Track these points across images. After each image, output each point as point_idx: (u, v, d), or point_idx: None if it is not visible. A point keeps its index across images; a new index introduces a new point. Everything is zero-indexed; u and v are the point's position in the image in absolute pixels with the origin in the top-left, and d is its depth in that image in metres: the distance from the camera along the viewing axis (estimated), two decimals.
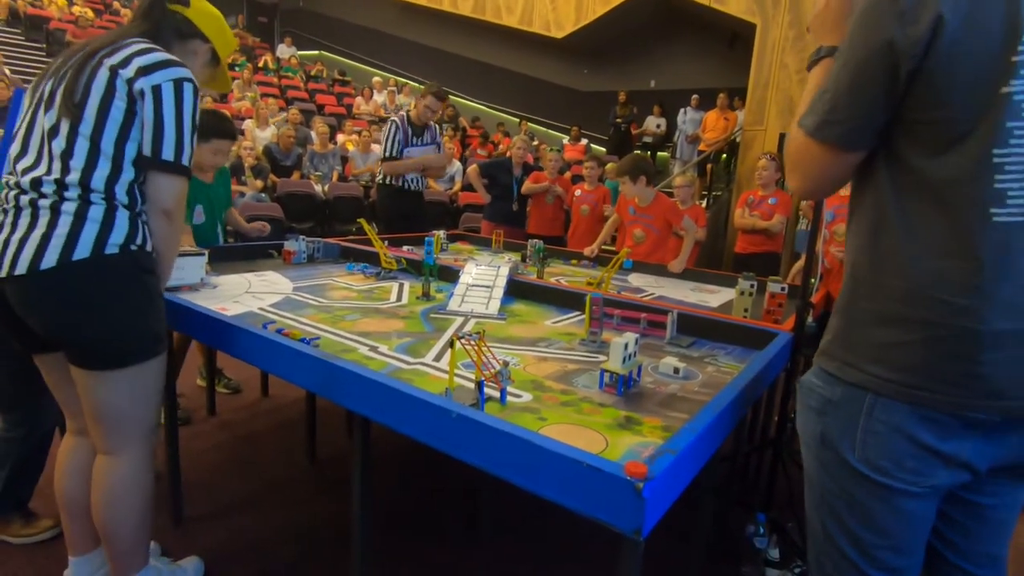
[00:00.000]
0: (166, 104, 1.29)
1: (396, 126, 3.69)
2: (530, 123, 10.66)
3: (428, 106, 3.65)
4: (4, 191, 1.30)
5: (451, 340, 1.22)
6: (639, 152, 7.97)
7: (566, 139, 9.78)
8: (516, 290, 2.10)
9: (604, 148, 9.56)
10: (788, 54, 5.87)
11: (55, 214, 1.24)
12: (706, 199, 7.06)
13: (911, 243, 0.82)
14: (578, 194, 4.12)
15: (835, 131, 0.85)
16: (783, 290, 1.93)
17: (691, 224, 3.10)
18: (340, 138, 7.89)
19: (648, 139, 9.18)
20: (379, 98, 10.68)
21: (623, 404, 1.19)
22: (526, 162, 4.30)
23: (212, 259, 2.13)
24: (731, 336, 1.70)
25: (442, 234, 3.02)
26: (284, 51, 12.58)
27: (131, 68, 1.27)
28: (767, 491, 2.22)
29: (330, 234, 5.55)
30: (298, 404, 2.92)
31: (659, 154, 9.05)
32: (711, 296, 2.52)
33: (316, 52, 13.99)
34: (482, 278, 2.03)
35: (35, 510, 1.85)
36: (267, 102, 7.95)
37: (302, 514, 2.07)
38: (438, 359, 1.41)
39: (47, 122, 1.28)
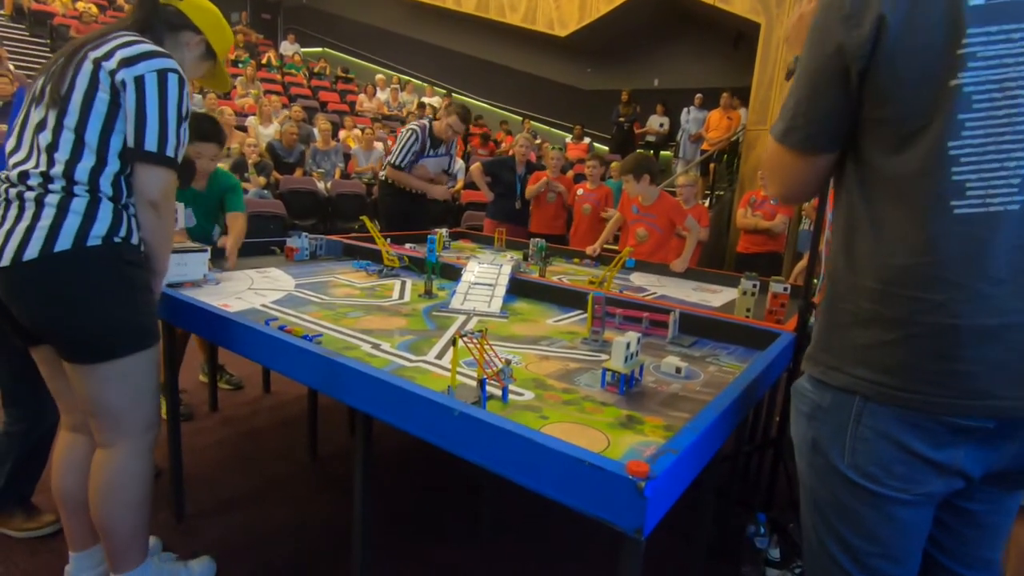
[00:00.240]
0: (149, 95, 1.28)
1: (415, 136, 3.58)
2: (533, 121, 10.65)
3: (451, 125, 3.60)
4: (1, 185, 1.31)
5: (453, 338, 1.22)
6: (642, 151, 7.97)
7: (569, 138, 9.78)
8: (518, 288, 2.10)
9: (607, 147, 9.55)
10: (792, 54, 5.85)
11: (39, 206, 1.25)
12: (708, 198, 7.06)
13: (880, 242, 0.82)
14: (580, 193, 4.12)
15: (798, 136, 0.88)
16: (786, 290, 1.93)
17: (694, 224, 3.10)
18: (341, 134, 7.89)
19: (651, 138, 9.17)
20: (382, 95, 10.68)
21: (625, 403, 1.19)
22: (529, 160, 4.30)
23: (215, 255, 2.14)
24: (733, 336, 1.70)
25: (444, 232, 3.02)
26: (287, 48, 12.56)
27: (114, 60, 1.27)
28: (768, 491, 2.22)
29: (332, 231, 5.56)
30: (300, 401, 2.92)
31: (662, 153, 9.04)
32: (713, 296, 2.52)
33: (319, 49, 14.00)
34: (484, 276, 2.03)
35: (37, 505, 1.85)
36: (270, 99, 7.96)
37: (303, 511, 2.07)
38: (440, 357, 1.41)
39: (36, 117, 1.30)
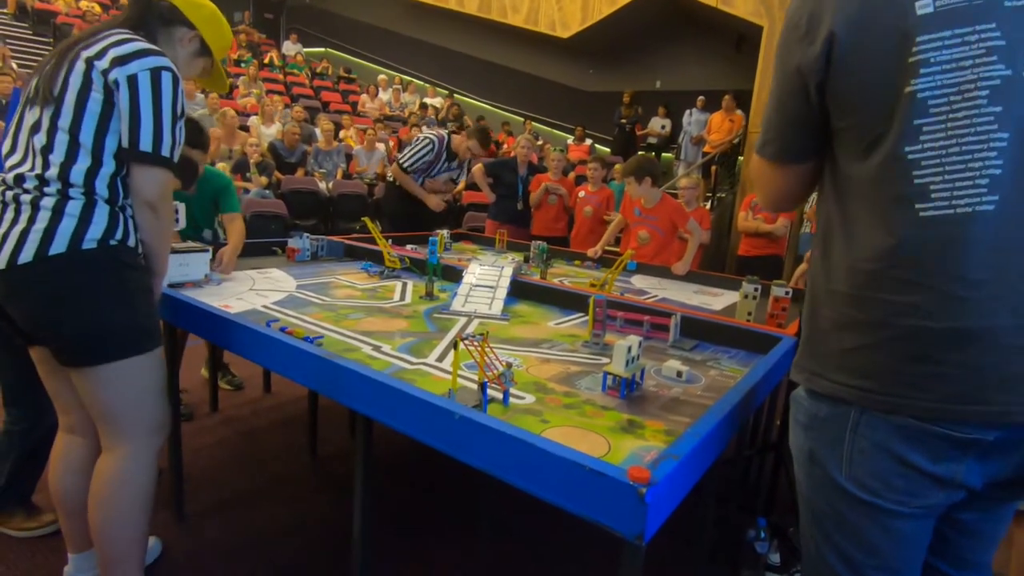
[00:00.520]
0: (142, 94, 1.26)
1: (431, 147, 3.56)
2: (534, 123, 10.64)
3: (471, 148, 3.63)
4: None
5: (454, 341, 1.22)
6: (645, 153, 7.96)
7: (570, 139, 9.77)
8: (519, 291, 2.09)
9: (608, 149, 9.54)
10: None
11: (35, 209, 1.24)
12: (710, 201, 7.05)
13: (852, 247, 0.84)
14: (582, 195, 4.11)
15: (771, 148, 0.94)
16: (787, 294, 1.93)
17: (696, 226, 3.10)
18: (341, 134, 7.88)
19: (653, 140, 9.17)
20: (384, 96, 10.69)
21: (626, 407, 1.19)
22: (531, 162, 4.30)
23: (215, 256, 2.14)
24: (734, 340, 1.70)
25: (446, 233, 3.02)
26: (290, 48, 12.57)
27: (106, 59, 1.25)
28: (768, 495, 2.22)
29: (334, 232, 5.56)
30: (300, 401, 2.92)
31: (663, 155, 9.03)
32: (714, 299, 2.52)
33: (322, 49, 14.01)
34: (485, 278, 2.03)
35: (38, 504, 1.85)
36: (272, 99, 7.97)
37: (303, 511, 2.07)
38: (441, 359, 1.41)
39: (30, 118, 1.28)
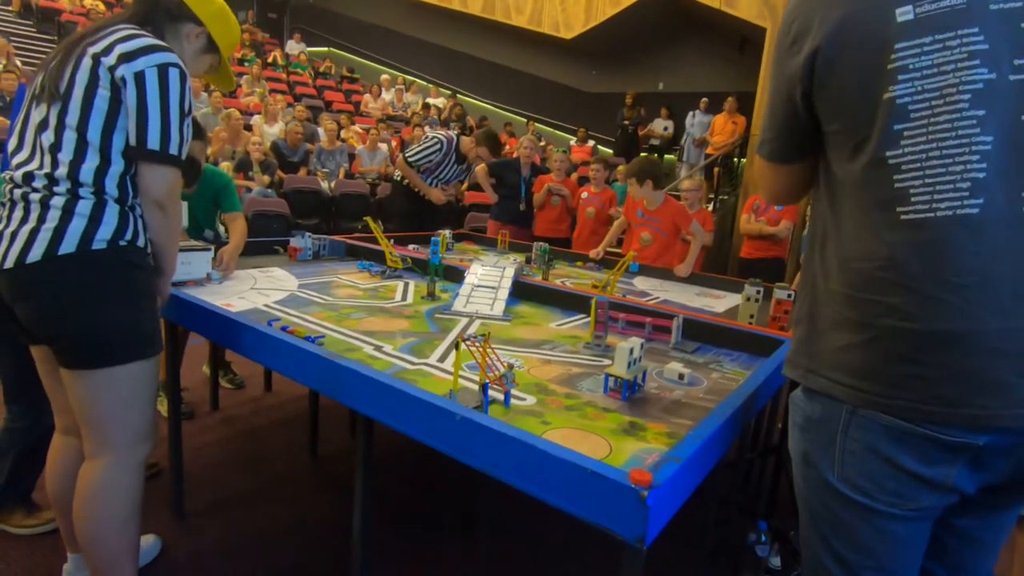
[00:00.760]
0: (150, 91, 1.23)
1: (440, 147, 3.58)
2: (537, 124, 10.64)
3: (480, 156, 3.65)
4: (4, 186, 1.29)
5: (456, 342, 1.22)
6: (647, 155, 7.95)
7: (573, 140, 9.77)
8: (521, 291, 2.09)
9: (611, 150, 9.54)
10: None
11: (44, 208, 1.23)
12: (712, 203, 7.04)
13: (842, 247, 0.86)
14: (584, 196, 4.11)
15: (767, 148, 0.98)
16: (789, 297, 1.92)
17: (699, 228, 3.09)
18: (343, 134, 7.87)
19: (655, 141, 9.15)
20: (387, 96, 10.69)
21: (627, 409, 1.19)
22: (533, 163, 4.29)
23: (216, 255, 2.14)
24: (736, 342, 1.69)
25: (448, 233, 3.02)
26: (293, 47, 12.59)
27: (113, 55, 1.23)
28: (770, 498, 2.21)
29: (336, 231, 5.56)
30: (301, 400, 2.92)
31: (666, 157, 9.02)
32: (716, 301, 2.51)
33: (325, 49, 14.02)
34: (487, 279, 2.03)
35: (38, 501, 1.85)
36: (275, 98, 7.96)
37: (303, 510, 2.07)
38: (442, 360, 1.41)
39: (37, 115, 1.26)
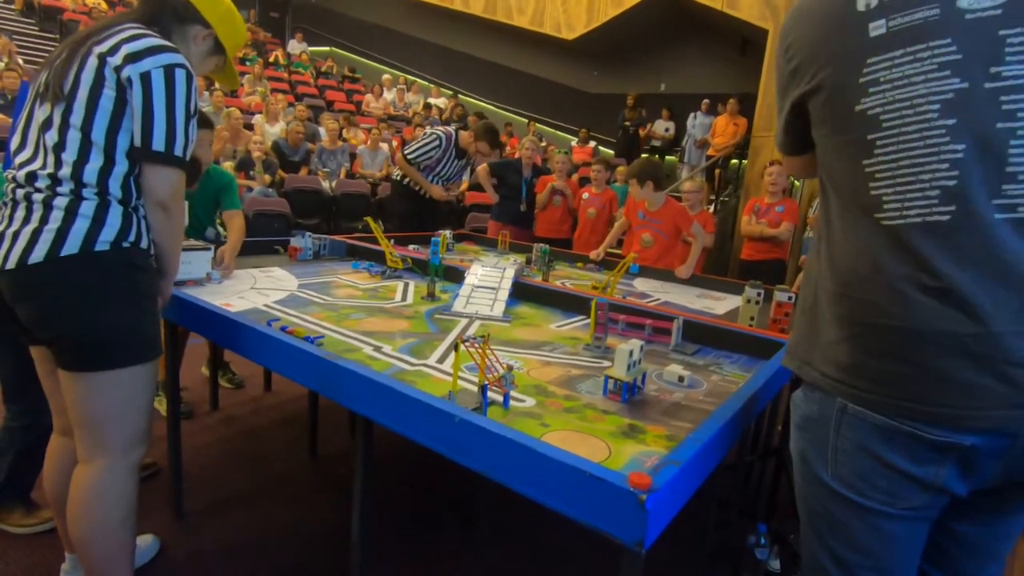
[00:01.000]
0: (156, 92, 1.23)
1: (438, 143, 3.56)
2: (538, 124, 10.64)
3: (480, 150, 3.62)
4: (6, 185, 1.28)
5: (455, 343, 1.21)
6: (648, 156, 7.95)
7: (574, 141, 9.77)
8: (521, 292, 2.09)
9: (612, 151, 9.53)
10: None
11: (47, 209, 1.22)
12: (713, 205, 7.04)
13: (833, 244, 0.89)
14: (585, 197, 4.11)
15: (778, 141, 1.07)
16: (790, 299, 1.92)
17: (700, 230, 3.09)
18: (344, 133, 7.87)
19: (656, 143, 9.15)
20: (388, 95, 10.69)
21: (627, 412, 1.18)
22: (535, 163, 4.29)
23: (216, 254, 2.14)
24: (737, 345, 1.69)
25: (448, 234, 3.01)
26: (295, 47, 12.59)
27: (119, 55, 1.22)
28: (769, 501, 2.21)
29: (336, 231, 5.56)
30: (300, 400, 2.92)
31: (667, 158, 9.02)
32: (717, 303, 2.51)
33: (327, 48, 14.02)
34: (487, 280, 2.03)
35: (37, 500, 1.85)
36: (277, 97, 7.96)
37: (303, 510, 2.07)
38: (442, 361, 1.41)
39: (41, 114, 1.25)
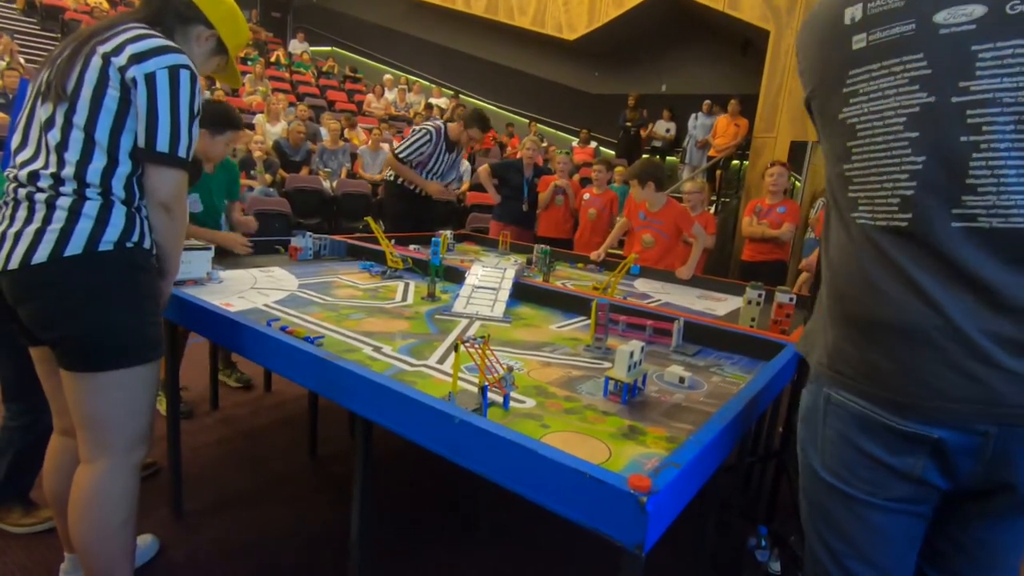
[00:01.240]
0: (160, 93, 1.22)
1: (429, 138, 3.54)
2: (539, 124, 10.64)
3: (472, 137, 3.60)
4: (7, 184, 1.27)
5: (455, 344, 1.21)
6: (649, 156, 7.94)
7: (575, 141, 9.77)
8: (521, 293, 2.08)
9: (613, 151, 9.53)
10: None
11: (50, 209, 1.21)
12: (714, 205, 7.03)
13: (828, 239, 0.95)
14: (586, 198, 4.10)
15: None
16: (791, 300, 1.92)
17: (701, 231, 3.08)
18: (346, 133, 7.88)
19: (657, 143, 9.14)
20: (389, 95, 10.69)
21: (627, 413, 1.18)
22: (536, 164, 4.29)
23: (218, 253, 2.14)
24: (737, 346, 1.69)
25: (448, 234, 3.01)
26: (296, 47, 12.60)
27: (123, 56, 1.21)
28: (770, 503, 2.20)
29: (337, 231, 5.56)
30: (300, 400, 2.92)
31: (668, 159, 9.01)
32: (718, 304, 2.50)
33: (328, 48, 14.02)
34: (488, 280, 2.02)
35: (36, 500, 1.85)
36: (278, 97, 7.97)
37: (303, 510, 2.07)
38: (442, 361, 1.40)
39: (43, 113, 1.25)
